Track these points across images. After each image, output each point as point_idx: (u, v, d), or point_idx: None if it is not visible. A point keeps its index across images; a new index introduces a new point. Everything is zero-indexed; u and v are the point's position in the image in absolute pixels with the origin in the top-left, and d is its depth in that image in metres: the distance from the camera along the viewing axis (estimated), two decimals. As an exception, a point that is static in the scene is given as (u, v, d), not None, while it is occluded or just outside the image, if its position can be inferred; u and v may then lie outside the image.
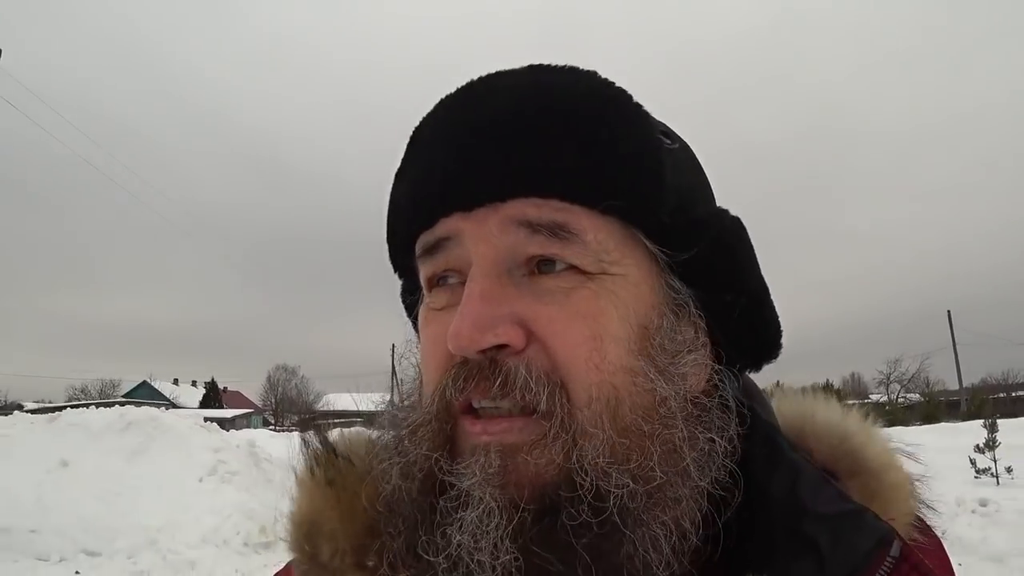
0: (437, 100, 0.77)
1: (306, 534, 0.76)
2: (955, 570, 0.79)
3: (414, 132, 0.78)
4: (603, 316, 0.68)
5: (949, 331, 51.85)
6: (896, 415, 38.18)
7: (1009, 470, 13.22)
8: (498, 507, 0.63)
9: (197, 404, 71.76)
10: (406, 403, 0.79)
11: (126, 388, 79.30)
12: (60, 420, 10.22)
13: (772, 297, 0.83)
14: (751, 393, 0.81)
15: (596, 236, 0.69)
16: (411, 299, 0.87)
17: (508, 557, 0.61)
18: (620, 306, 0.69)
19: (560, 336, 0.67)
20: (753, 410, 0.77)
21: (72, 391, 76.87)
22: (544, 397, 0.65)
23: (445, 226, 0.71)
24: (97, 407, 10.95)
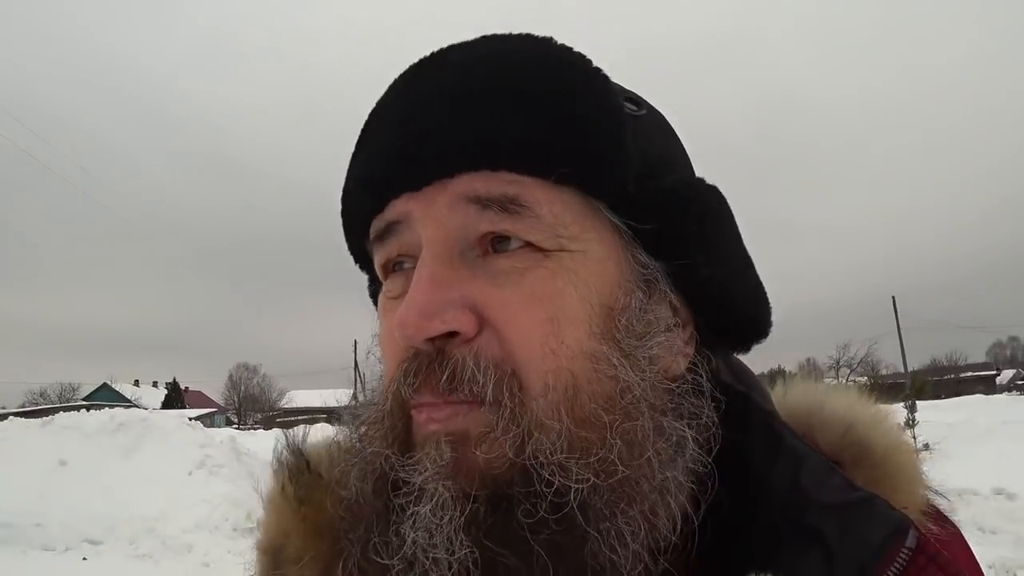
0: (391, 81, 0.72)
1: (272, 562, 0.72)
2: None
3: (368, 115, 0.73)
4: (560, 297, 0.63)
5: (894, 316, 53.68)
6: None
7: (927, 447, 14.44)
8: (452, 498, 0.58)
9: (159, 405, 71.22)
10: (370, 400, 0.74)
11: (86, 391, 78.44)
12: (54, 423, 10.94)
13: (758, 271, 0.78)
14: (744, 377, 0.77)
15: (551, 209, 0.63)
16: (374, 289, 0.81)
17: (464, 552, 0.57)
18: (580, 285, 0.63)
19: (513, 321, 0.62)
20: (748, 396, 0.72)
21: (30, 395, 75.95)
22: (491, 387, 0.60)
23: (395, 209, 0.67)
24: (57, 411, 11.63)
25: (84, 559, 8.03)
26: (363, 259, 0.80)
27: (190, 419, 12.51)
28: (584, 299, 0.64)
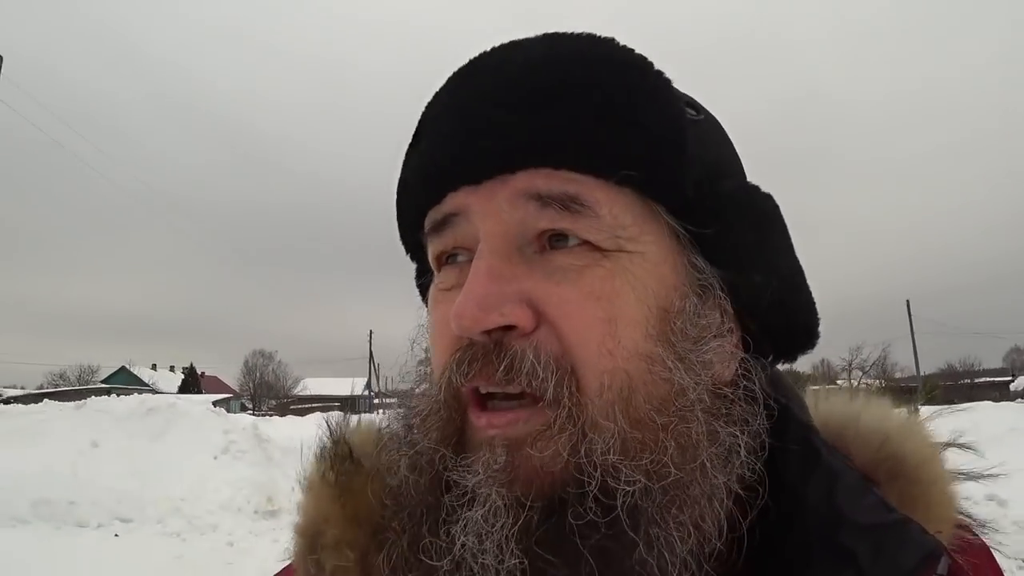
0: (450, 74, 0.72)
1: (310, 546, 0.71)
2: None
3: (425, 107, 0.73)
4: (618, 297, 0.63)
5: (908, 320, 53.62)
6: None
7: (959, 445, 14.56)
8: (504, 506, 0.58)
9: (176, 389, 72.02)
10: (418, 390, 0.74)
11: (104, 374, 79.51)
12: (87, 407, 11.44)
13: (808, 283, 0.76)
14: (783, 388, 0.73)
15: (611, 210, 0.64)
16: (423, 281, 0.82)
17: (514, 561, 0.57)
18: (637, 286, 0.63)
19: (571, 318, 0.62)
20: (786, 407, 0.70)
21: (50, 377, 77.02)
22: (551, 384, 0.60)
23: (453, 201, 0.67)
24: (77, 393, 12.11)
25: (116, 535, 8.47)
26: (415, 249, 0.81)
27: (217, 403, 13.00)
28: (641, 300, 0.64)
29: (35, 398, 20.23)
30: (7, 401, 13.33)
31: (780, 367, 0.78)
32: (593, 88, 0.65)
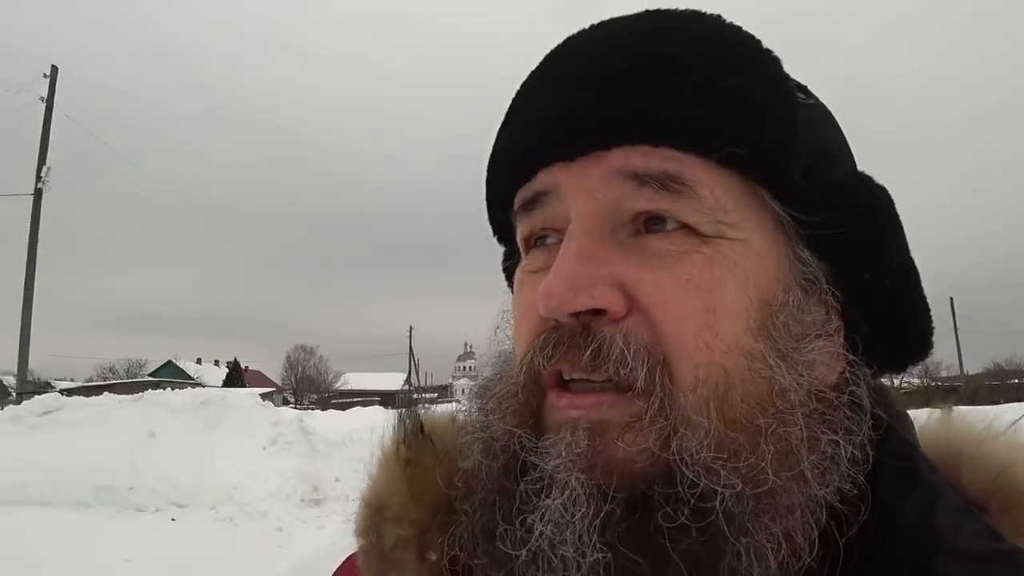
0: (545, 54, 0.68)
1: (373, 515, 0.70)
2: None
3: (520, 85, 0.70)
4: (718, 286, 0.59)
5: (952, 317, 52.86)
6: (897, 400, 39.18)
7: None
8: (584, 494, 0.55)
9: (220, 383, 73.32)
10: (496, 375, 0.70)
11: (152, 367, 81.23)
12: (144, 399, 12.02)
13: (923, 284, 0.68)
14: (884, 399, 0.66)
15: (713, 191, 0.60)
16: (510, 264, 0.78)
17: (596, 555, 0.54)
18: (739, 276, 0.60)
19: (666, 306, 0.58)
20: (885, 419, 0.64)
21: (100, 370, 78.99)
22: (642, 373, 0.56)
23: (544, 179, 0.64)
24: (126, 386, 12.71)
25: (172, 520, 8.97)
26: (502, 230, 0.77)
27: (262, 396, 13.57)
28: (742, 291, 0.60)
29: (89, 390, 21.05)
30: (69, 393, 14.02)
31: (886, 379, 0.72)
32: (697, 62, 0.61)
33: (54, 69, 24.81)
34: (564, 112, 0.63)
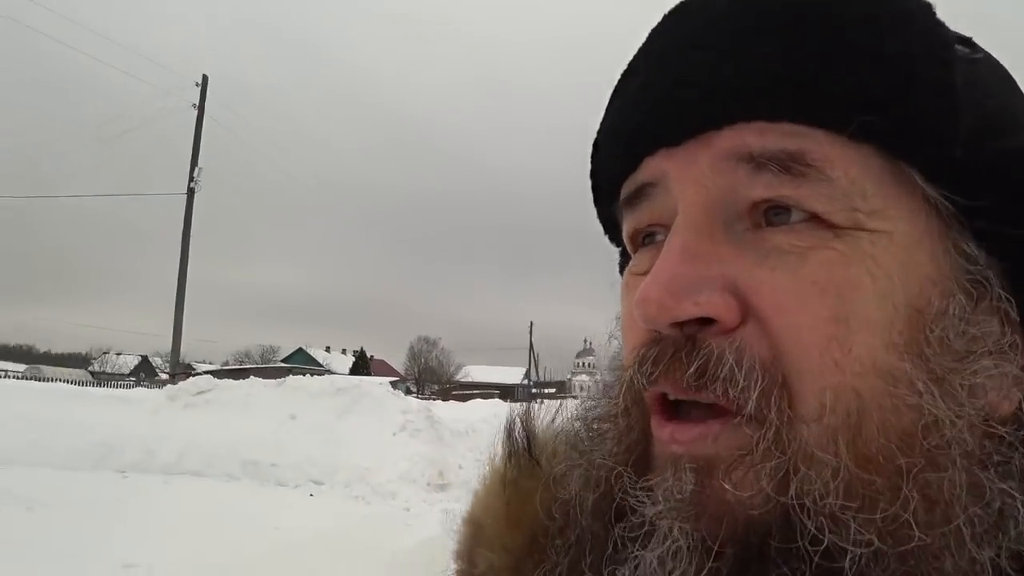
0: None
1: (470, 538, 0.65)
2: None
3: (628, 62, 0.60)
4: (853, 290, 0.47)
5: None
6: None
7: None
8: (687, 547, 0.46)
9: (347, 371, 75.92)
10: (604, 390, 0.61)
11: (284, 354, 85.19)
12: (286, 384, 12.97)
13: None
14: None
15: (847, 172, 0.48)
16: (625, 262, 0.66)
17: None
18: (880, 277, 0.47)
19: (788, 314, 0.47)
20: None
21: (235, 355, 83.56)
22: (754, 395, 0.46)
23: (649, 168, 0.54)
24: (260, 371, 13.65)
25: (311, 495, 9.68)
26: (612, 228, 0.66)
27: (392, 384, 14.33)
28: (884, 296, 0.47)
29: (230, 373, 22.62)
30: (220, 375, 15.24)
31: None
32: (820, 17, 0.49)
33: (204, 78, 26.69)
34: (667, 89, 0.53)
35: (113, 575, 5.73)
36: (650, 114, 0.54)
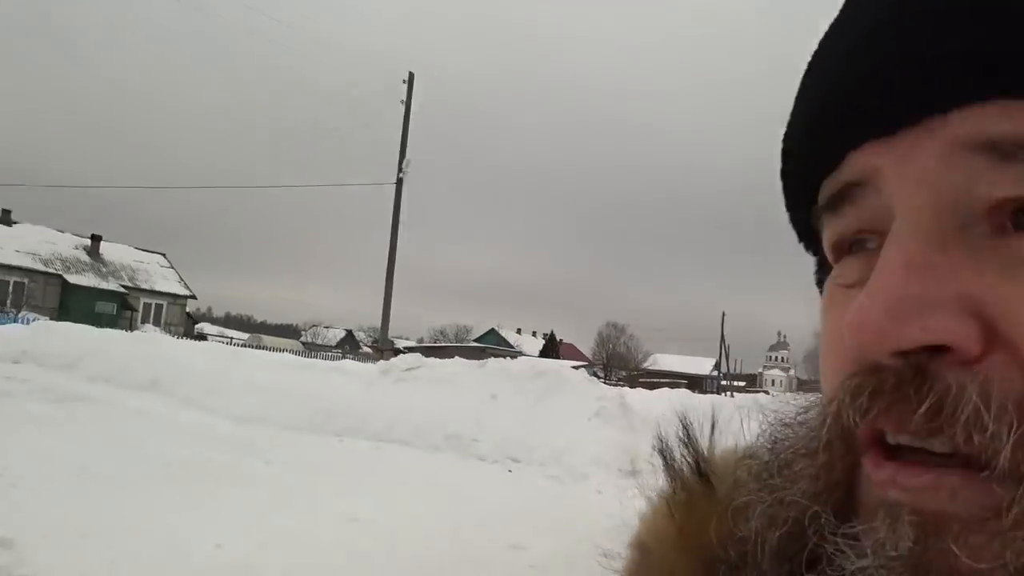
0: None
1: (637, 564, 0.59)
2: None
3: (822, 36, 0.49)
4: None
5: None
6: None
7: None
8: None
9: (537, 353, 77.47)
10: (798, 418, 0.51)
11: (477, 333, 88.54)
12: (488, 366, 13.65)
13: None
14: None
15: None
16: (822, 275, 0.54)
17: None
18: None
19: None
20: None
21: (431, 332, 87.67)
22: (1008, 444, 0.35)
23: (855, 164, 0.44)
24: (454, 351, 14.37)
25: (509, 471, 10.14)
26: (808, 234, 0.54)
27: (580, 369, 14.74)
28: None
29: (425, 351, 24.01)
30: (427, 354, 16.30)
31: None
32: None
33: (411, 76, 28.17)
34: (873, 67, 0.42)
35: (340, 526, 6.29)
36: (853, 99, 0.43)
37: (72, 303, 41.15)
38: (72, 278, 43.27)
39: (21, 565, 3.54)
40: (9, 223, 45.21)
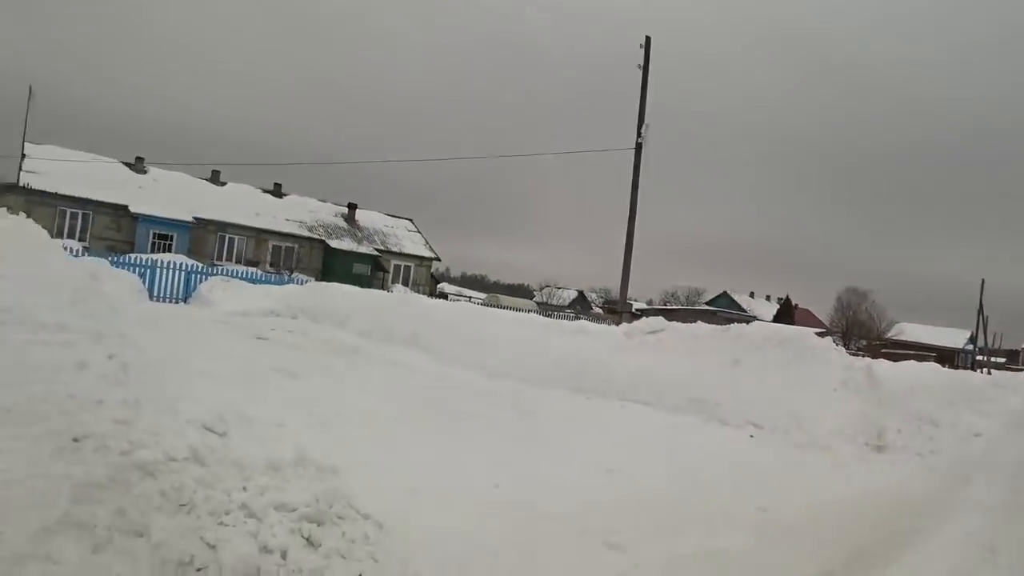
0: None
1: None
2: None
3: None
4: None
5: None
6: None
7: None
8: None
9: (771, 318, 75.64)
10: None
11: (708, 297, 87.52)
12: (731, 331, 13.94)
13: None
14: None
15: None
16: None
17: None
18: None
19: None
20: None
21: (663, 294, 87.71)
22: None
23: None
24: (686, 312, 14.65)
25: (751, 436, 10.48)
26: None
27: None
28: None
29: (657, 313, 24.42)
30: (668, 315, 16.80)
31: None
32: None
33: (647, 39, 27.92)
34: None
35: (599, 476, 6.96)
36: None
37: (333, 265, 45.64)
38: (333, 243, 47.95)
39: (348, 488, 4.41)
40: (280, 195, 50.64)
